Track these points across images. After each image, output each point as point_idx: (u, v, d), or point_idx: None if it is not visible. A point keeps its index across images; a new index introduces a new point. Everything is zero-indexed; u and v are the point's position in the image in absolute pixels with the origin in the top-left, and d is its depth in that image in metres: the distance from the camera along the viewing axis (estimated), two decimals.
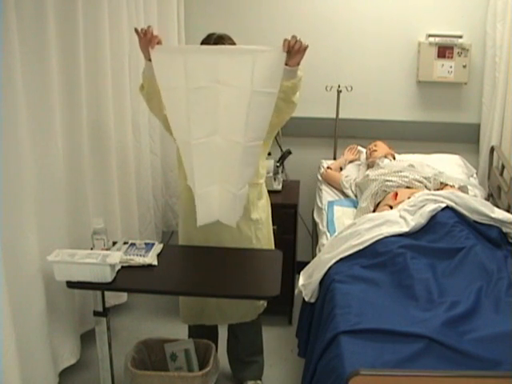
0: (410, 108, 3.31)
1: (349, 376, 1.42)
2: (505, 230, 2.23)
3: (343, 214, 2.75)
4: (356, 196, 2.91)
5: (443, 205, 2.25)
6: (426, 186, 2.62)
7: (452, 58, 3.12)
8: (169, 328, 2.83)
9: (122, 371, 2.13)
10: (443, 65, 3.14)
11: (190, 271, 2.06)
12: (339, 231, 2.37)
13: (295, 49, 1.80)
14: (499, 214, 2.25)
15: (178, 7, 3.10)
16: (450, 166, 3.06)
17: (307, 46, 1.83)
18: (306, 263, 2.33)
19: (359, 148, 3.28)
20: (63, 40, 2.12)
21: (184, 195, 2.21)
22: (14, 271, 1.81)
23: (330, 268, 2.11)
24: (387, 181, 2.66)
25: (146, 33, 1.85)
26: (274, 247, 2.35)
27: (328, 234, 2.58)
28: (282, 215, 2.72)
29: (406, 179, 2.64)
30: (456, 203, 2.26)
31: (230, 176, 1.98)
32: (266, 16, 3.22)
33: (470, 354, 1.57)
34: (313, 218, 3.01)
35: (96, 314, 2.02)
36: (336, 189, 3.04)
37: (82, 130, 2.28)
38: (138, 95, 2.80)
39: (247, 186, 2.02)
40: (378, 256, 2.08)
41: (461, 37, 3.10)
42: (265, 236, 2.29)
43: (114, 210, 2.57)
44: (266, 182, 2.34)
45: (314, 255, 2.55)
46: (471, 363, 1.55)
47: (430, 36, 3.12)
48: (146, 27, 1.86)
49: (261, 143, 1.95)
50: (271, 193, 2.45)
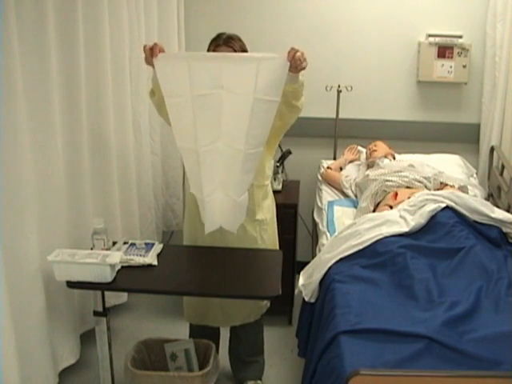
0: (410, 108, 3.31)
1: (349, 376, 1.42)
2: (505, 230, 2.23)
3: (343, 214, 2.75)
4: (356, 196, 2.91)
5: (443, 205, 2.25)
6: (425, 186, 2.62)
7: (452, 57, 3.12)
8: (169, 328, 2.83)
9: (122, 371, 2.13)
10: (443, 65, 3.14)
11: (190, 271, 2.06)
12: (339, 231, 2.37)
13: (296, 64, 1.82)
14: (499, 213, 2.25)
15: (178, 7, 3.10)
16: (450, 166, 3.06)
17: (306, 66, 1.85)
18: (306, 263, 2.33)
19: (359, 148, 3.27)
20: (63, 40, 2.12)
21: (189, 196, 2.21)
22: (14, 271, 1.81)
23: (330, 268, 2.11)
24: (387, 181, 2.66)
25: (152, 49, 1.85)
26: (278, 248, 2.35)
27: (328, 234, 2.58)
28: (281, 215, 2.70)
29: (405, 179, 2.64)
30: (456, 203, 2.26)
31: (231, 183, 1.99)
32: (266, 16, 3.22)
33: (469, 354, 1.57)
34: (313, 218, 3.01)
35: (96, 313, 2.02)
36: (336, 189, 3.04)
37: (82, 130, 2.28)
38: (139, 95, 2.83)
39: (246, 193, 2.02)
40: (377, 256, 2.08)
41: (461, 37, 3.10)
42: (270, 236, 2.29)
43: (114, 210, 2.57)
44: None
45: (314, 255, 2.55)
46: (471, 363, 1.55)
47: (429, 36, 3.12)
48: (150, 45, 1.86)
49: (261, 150, 1.95)
50: None
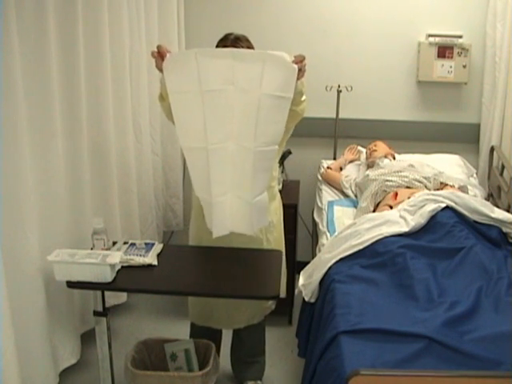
0: (410, 108, 3.31)
1: (349, 376, 1.42)
2: (505, 229, 2.23)
3: (343, 214, 2.75)
4: (356, 196, 2.91)
5: (443, 205, 2.25)
6: (425, 186, 2.62)
7: (452, 57, 3.12)
8: (169, 328, 2.83)
9: (122, 371, 2.13)
10: (443, 65, 3.14)
11: (190, 271, 2.06)
12: (339, 231, 2.37)
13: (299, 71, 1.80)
14: (499, 213, 2.25)
15: (178, 7, 3.10)
16: (450, 166, 3.06)
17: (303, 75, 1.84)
18: (306, 263, 2.33)
19: (359, 148, 3.28)
20: (63, 40, 2.12)
21: (195, 197, 2.15)
22: (14, 271, 1.82)
23: (330, 268, 2.10)
24: (387, 181, 2.66)
25: (159, 52, 1.81)
26: (284, 250, 2.31)
27: (328, 234, 2.58)
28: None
29: (405, 179, 2.64)
30: (456, 203, 2.26)
31: (243, 183, 1.93)
32: (267, 16, 3.22)
33: (469, 354, 1.57)
34: (313, 218, 3.01)
35: (96, 313, 2.01)
36: (336, 189, 3.04)
37: (83, 130, 2.28)
38: (139, 95, 2.83)
39: (265, 193, 1.97)
40: (377, 256, 2.08)
41: (461, 37, 3.10)
42: (276, 238, 2.27)
43: (114, 210, 2.57)
44: None
45: (314, 255, 2.55)
46: (471, 363, 1.54)
47: (429, 36, 3.12)
48: (155, 50, 1.83)
49: (275, 148, 1.90)
50: None
